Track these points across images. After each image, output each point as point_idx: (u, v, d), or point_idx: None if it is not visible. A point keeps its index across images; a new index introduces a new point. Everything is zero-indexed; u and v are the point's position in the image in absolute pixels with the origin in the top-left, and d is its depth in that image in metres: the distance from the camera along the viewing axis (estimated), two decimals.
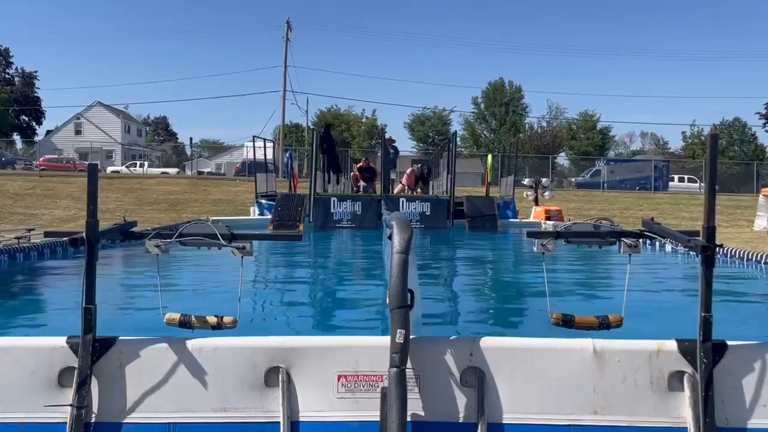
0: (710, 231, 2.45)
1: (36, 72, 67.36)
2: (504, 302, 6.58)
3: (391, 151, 18.91)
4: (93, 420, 2.45)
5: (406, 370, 2.35)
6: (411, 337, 2.37)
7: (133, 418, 2.47)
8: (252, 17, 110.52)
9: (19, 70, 66.72)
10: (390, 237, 2.55)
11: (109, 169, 48.71)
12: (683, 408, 2.44)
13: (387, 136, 18.47)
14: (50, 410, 2.45)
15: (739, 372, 2.48)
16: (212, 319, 2.60)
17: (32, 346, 2.57)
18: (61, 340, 2.52)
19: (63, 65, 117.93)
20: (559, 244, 2.79)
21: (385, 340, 2.39)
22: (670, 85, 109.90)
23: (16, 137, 66.04)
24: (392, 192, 17.38)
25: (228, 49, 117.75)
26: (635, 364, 2.49)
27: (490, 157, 21.79)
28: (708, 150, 2.59)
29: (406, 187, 19.08)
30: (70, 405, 2.41)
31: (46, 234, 3.46)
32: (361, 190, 19.13)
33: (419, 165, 20.65)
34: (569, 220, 3.34)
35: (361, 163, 20.54)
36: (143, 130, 75.70)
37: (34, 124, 68.07)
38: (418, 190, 19.33)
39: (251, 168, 24.12)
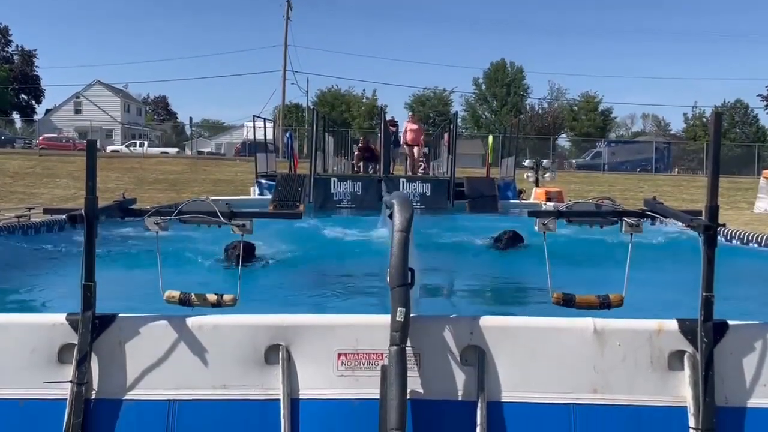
0: (713, 210, 2.43)
1: (35, 50, 66.92)
2: (504, 281, 6.59)
3: (392, 129, 18.67)
4: (93, 396, 2.45)
5: (407, 348, 2.35)
6: (411, 315, 2.37)
7: (133, 394, 2.48)
8: None
9: (19, 48, 66.28)
10: (391, 216, 2.54)
11: (109, 148, 48.45)
12: (683, 387, 2.44)
13: (389, 117, 18.15)
14: (50, 387, 2.45)
15: (739, 352, 2.47)
16: (212, 297, 2.60)
17: (32, 323, 2.57)
18: (61, 317, 2.52)
19: (62, 43, 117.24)
20: (560, 224, 2.77)
21: (386, 319, 2.38)
22: (671, 66, 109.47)
23: (16, 116, 65.75)
24: (404, 153, 17.10)
25: (228, 28, 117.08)
26: (636, 343, 2.48)
27: (490, 138, 21.74)
28: (711, 129, 2.56)
29: (415, 147, 17.96)
30: (70, 381, 2.42)
31: (45, 211, 3.45)
32: (361, 170, 19.04)
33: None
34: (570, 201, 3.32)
35: (360, 144, 20.33)
36: (143, 110, 75.27)
37: (33, 102, 67.67)
38: (423, 163, 19.03)
39: (251, 148, 24.06)
